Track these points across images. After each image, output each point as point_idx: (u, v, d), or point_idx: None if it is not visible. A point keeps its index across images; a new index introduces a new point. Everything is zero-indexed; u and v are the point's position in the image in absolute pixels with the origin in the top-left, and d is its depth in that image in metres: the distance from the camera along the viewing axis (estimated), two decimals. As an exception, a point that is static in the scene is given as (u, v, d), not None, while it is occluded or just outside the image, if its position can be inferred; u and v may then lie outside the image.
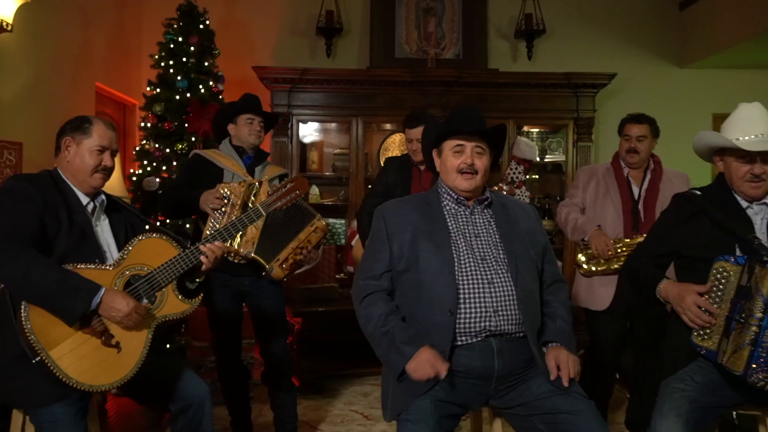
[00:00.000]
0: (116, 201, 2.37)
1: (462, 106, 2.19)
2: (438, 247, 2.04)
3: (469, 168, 2.08)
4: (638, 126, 3.20)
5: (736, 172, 2.15)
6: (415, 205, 2.17)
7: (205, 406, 2.29)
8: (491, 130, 2.13)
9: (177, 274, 2.13)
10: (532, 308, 2.06)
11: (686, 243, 2.19)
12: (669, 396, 2.04)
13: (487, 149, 2.14)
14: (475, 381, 2.00)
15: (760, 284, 1.90)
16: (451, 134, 2.11)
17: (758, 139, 2.10)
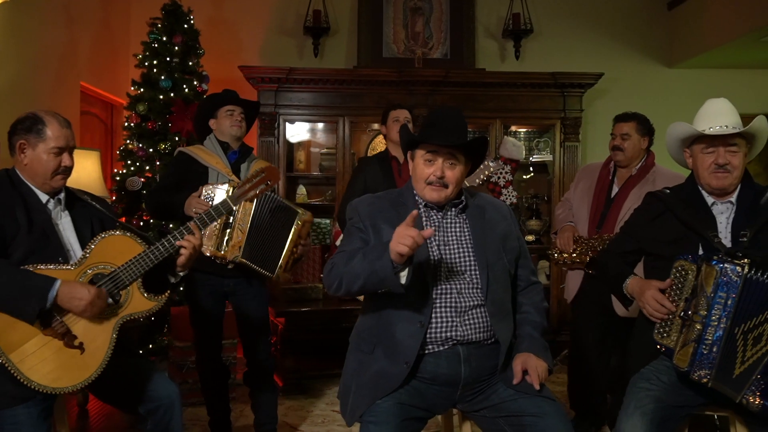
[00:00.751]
0: (79, 196, 2.31)
1: (442, 110, 2.09)
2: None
3: (438, 181, 2.00)
4: (622, 124, 3.22)
5: (702, 163, 2.17)
6: (390, 202, 2.11)
7: (175, 407, 2.28)
8: (468, 143, 2.01)
9: (142, 272, 2.10)
10: (503, 317, 2.04)
11: (652, 240, 2.22)
12: (635, 395, 2.05)
13: (462, 159, 2.04)
14: (441, 387, 2.00)
15: (705, 283, 1.95)
16: (423, 142, 2.03)
17: (724, 129, 2.13)
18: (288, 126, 5.32)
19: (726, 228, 2.14)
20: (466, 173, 2.09)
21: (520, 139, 5.54)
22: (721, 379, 1.94)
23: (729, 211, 2.17)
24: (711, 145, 2.14)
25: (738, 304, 1.91)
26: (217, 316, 3.16)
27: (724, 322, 1.93)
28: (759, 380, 1.90)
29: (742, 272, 1.91)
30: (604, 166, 3.31)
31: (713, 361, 1.94)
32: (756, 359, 1.91)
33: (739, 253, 1.96)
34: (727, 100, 2.20)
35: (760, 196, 2.15)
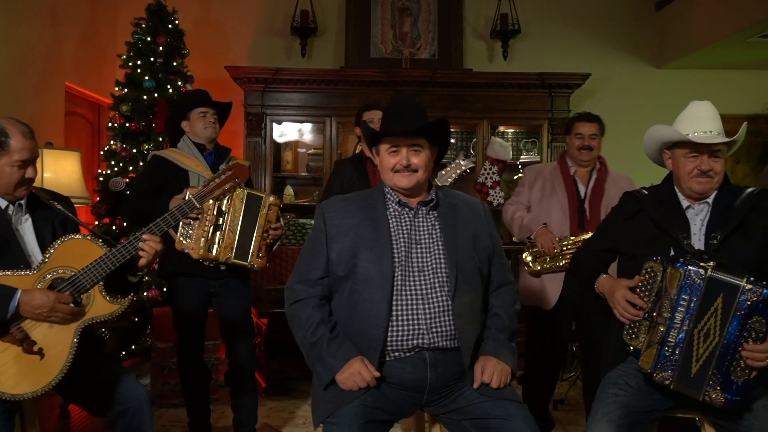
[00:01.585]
0: (41, 198, 2.26)
1: (397, 100, 2.11)
2: (378, 258, 1.98)
3: (404, 168, 2.01)
4: (590, 124, 3.22)
5: (684, 167, 2.15)
6: (358, 204, 2.09)
7: (144, 409, 2.26)
8: (428, 126, 2.03)
9: (103, 275, 2.07)
10: (470, 321, 2.02)
11: (626, 240, 2.21)
12: (602, 401, 2.04)
13: (427, 144, 2.05)
14: (407, 392, 1.98)
15: (669, 285, 1.94)
16: (383, 135, 2.05)
17: (708, 135, 2.11)
18: (275, 126, 5.32)
19: (700, 230, 2.13)
20: (433, 157, 2.10)
21: (508, 139, 5.53)
22: (682, 381, 1.94)
23: (704, 212, 2.15)
24: (695, 151, 2.12)
25: (700, 306, 1.91)
26: (200, 319, 3.16)
27: (687, 325, 1.92)
28: (716, 374, 1.89)
29: (705, 275, 1.90)
30: (564, 167, 3.26)
31: (675, 363, 1.93)
32: (708, 354, 1.90)
33: (705, 255, 1.95)
34: (711, 104, 2.18)
35: (737, 197, 2.13)
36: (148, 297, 4.16)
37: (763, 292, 1.85)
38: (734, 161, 5.91)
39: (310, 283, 2.05)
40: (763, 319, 1.87)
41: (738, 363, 1.89)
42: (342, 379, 1.90)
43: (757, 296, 1.85)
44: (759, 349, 1.86)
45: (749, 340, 1.88)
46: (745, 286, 1.86)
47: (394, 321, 1.95)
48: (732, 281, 1.88)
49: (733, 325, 1.88)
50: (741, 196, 2.13)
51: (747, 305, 1.86)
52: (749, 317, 1.87)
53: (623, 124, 5.18)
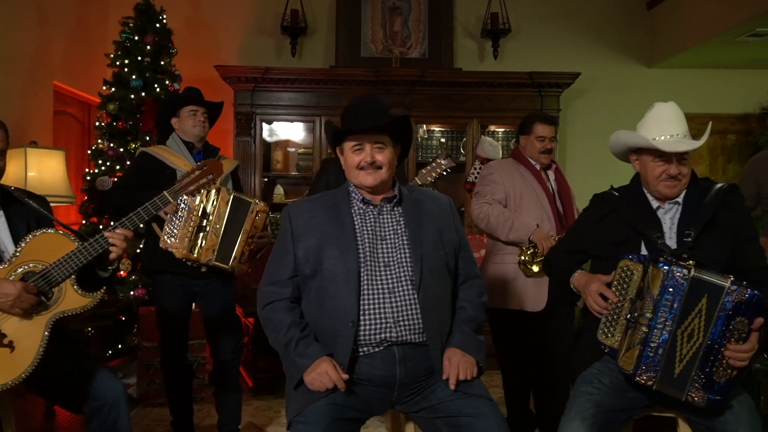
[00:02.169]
0: (15, 195, 2.27)
1: (358, 99, 2.12)
2: (343, 254, 1.99)
3: (369, 166, 2.02)
4: (550, 127, 3.18)
5: (652, 171, 2.13)
6: (324, 204, 2.11)
7: (120, 405, 2.25)
8: (392, 121, 2.05)
9: (75, 269, 2.08)
10: (438, 314, 2.02)
11: (598, 242, 2.19)
12: (576, 400, 2.03)
13: (390, 141, 2.06)
14: (377, 389, 1.98)
15: (651, 285, 1.93)
16: (347, 133, 2.05)
17: (674, 139, 2.09)
18: (265, 126, 5.31)
19: (671, 229, 2.12)
20: (397, 155, 2.11)
21: (498, 139, 5.53)
22: (665, 381, 1.92)
23: (674, 211, 2.14)
24: (663, 156, 2.10)
25: (683, 306, 1.89)
26: (183, 317, 3.15)
27: (670, 325, 1.90)
28: (699, 375, 1.88)
29: (688, 275, 1.88)
30: (530, 165, 3.19)
31: (658, 363, 1.92)
32: (692, 355, 1.89)
33: (684, 254, 1.94)
34: (675, 105, 2.16)
35: (706, 194, 2.12)
36: (134, 296, 4.15)
37: (747, 293, 1.84)
38: (725, 161, 5.92)
39: (280, 283, 2.06)
40: (746, 320, 1.86)
41: (720, 363, 1.88)
42: (309, 380, 1.90)
43: (741, 297, 1.84)
44: (742, 350, 1.86)
45: (732, 340, 1.87)
46: (730, 287, 1.85)
47: (362, 315, 1.95)
48: (717, 282, 1.87)
49: (718, 325, 1.87)
50: (710, 192, 2.11)
51: (731, 306, 1.85)
52: (733, 318, 1.86)
53: (614, 124, 5.09)
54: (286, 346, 1.97)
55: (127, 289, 4.16)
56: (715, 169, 5.91)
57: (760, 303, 1.84)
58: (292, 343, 1.96)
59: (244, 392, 3.36)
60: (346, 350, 1.93)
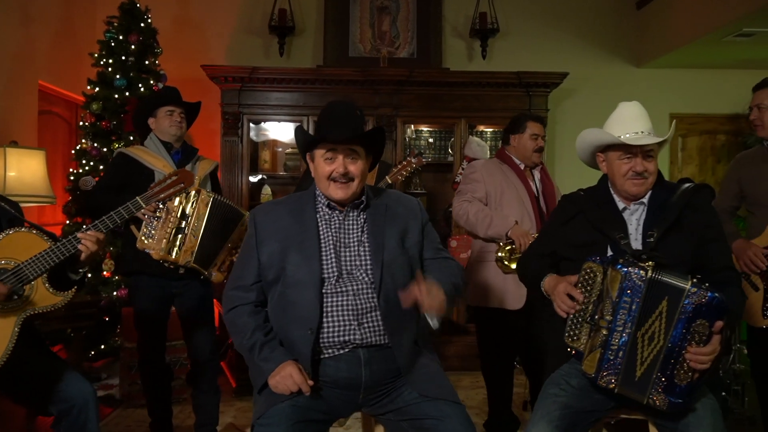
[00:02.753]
0: None
1: (333, 106, 2.06)
2: (306, 260, 1.98)
3: (342, 177, 1.98)
4: (541, 126, 3.25)
5: (618, 169, 2.14)
6: (289, 208, 2.09)
7: (89, 407, 2.25)
8: (368, 134, 2.03)
9: (47, 267, 2.10)
10: (402, 319, 2.00)
11: (566, 243, 2.19)
12: (542, 402, 2.02)
13: (362, 152, 2.03)
14: (342, 391, 1.98)
15: (610, 287, 1.92)
16: (321, 142, 2.01)
17: (640, 136, 2.10)
18: (252, 126, 5.30)
19: (636, 230, 2.12)
20: (368, 166, 2.08)
21: (487, 139, 5.51)
22: (626, 384, 1.92)
23: (640, 212, 2.14)
24: (628, 153, 2.11)
25: (642, 308, 1.89)
26: (161, 318, 3.15)
27: (629, 327, 1.90)
28: (660, 378, 1.88)
29: (646, 276, 1.88)
30: (514, 164, 3.21)
31: (619, 366, 1.92)
32: (653, 357, 1.89)
33: (644, 255, 1.93)
34: (639, 104, 2.18)
35: (672, 194, 2.12)
36: (117, 296, 4.14)
37: (708, 295, 1.83)
38: (715, 161, 5.90)
39: (245, 288, 2.05)
40: (706, 322, 1.85)
41: (682, 366, 1.87)
42: (273, 383, 1.90)
43: (702, 299, 1.83)
44: (702, 352, 1.85)
45: (693, 343, 1.86)
46: (690, 289, 1.84)
47: (325, 320, 1.94)
48: (677, 284, 1.86)
49: (678, 328, 1.86)
50: (676, 193, 2.11)
51: (692, 308, 1.84)
52: (693, 320, 1.85)
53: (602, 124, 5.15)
54: (250, 350, 1.97)
55: (111, 289, 4.15)
56: (705, 169, 5.90)
57: (721, 305, 1.83)
58: (256, 347, 1.95)
59: (227, 393, 3.35)
60: (305, 356, 1.93)
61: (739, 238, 2.91)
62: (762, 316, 2.81)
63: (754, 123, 2.95)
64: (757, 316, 2.82)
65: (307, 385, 1.86)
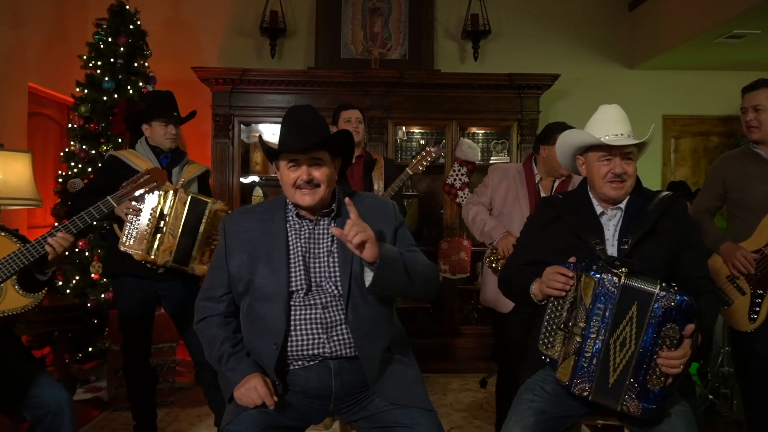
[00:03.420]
0: None
1: (293, 112, 1.99)
2: (274, 273, 1.94)
3: (307, 184, 1.93)
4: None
5: (598, 172, 2.12)
6: (258, 217, 2.04)
7: (65, 413, 2.24)
8: (327, 139, 1.95)
9: (15, 270, 2.10)
10: (371, 332, 1.96)
11: (546, 249, 2.16)
12: (517, 408, 2.01)
13: (329, 156, 1.97)
14: (312, 400, 1.96)
15: (584, 293, 1.91)
16: (281, 152, 1.95)
17: (620, 138, 2.10)
18: (243, 127, 5.29)
19: (614, 236, 2.11)
20: (337, 169, 2.04)
21: (478, 141, 5.50)
22: (600, 392, 1.91)
23: (617, 218, 2.13)
24: (608, 154, 2.10)
25: (615, 315, 1.87)
26: (145, 321, 3.14)
27: (603, 334, 1.89)
28: (633, 384, 1.87)
29: (619, 282, 1.87)
30: (529, 173, 3.21)
31: (593, 374, 1.90)
32: (625, 363, 1.87)
33: (617, 262, 1.92)
34: (620, 107, 2.17)
35: (649, 201, 2.11)
36: (105, 299, 4.14)
37: (676, 299, 1.82)
38: (708, 162, 5.88)
39: (215, 300, 2.04)
40: (676, 326, 1.84)
41: (654, 371, 1.86)
42: (238, 395, 1.88)
43: (671, 303, 1.82)
44: (674, 356, 1.84)
45: (664, 347, 1.85)
46: (659, 293, 1.83)
47: (293, 333, 1.92)
48: (646, 288, 1.85)
49: (649, 332, 1.85)
50: (653, 201, 2.10)
51: (661, 312, 1.83)
52: (664, 324, 1.84)
53: (594, 125, 5.15)
54: (218, 361, 1.96)
55: (99, 292, 4.15)
56: (698, 171, 5.88)
57: (690, 309, 1.82)
58: (224, 357, 1.95)
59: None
60: (270, 367, 1.91)
61: (727, 241, 2.89)
62: (748, 320, 2.79)
63: (749, 124, 2.88)
64: (743, 321, 2.80)
65: (271, 398, 1.84)
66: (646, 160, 5.69)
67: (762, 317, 2.74)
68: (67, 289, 4.18)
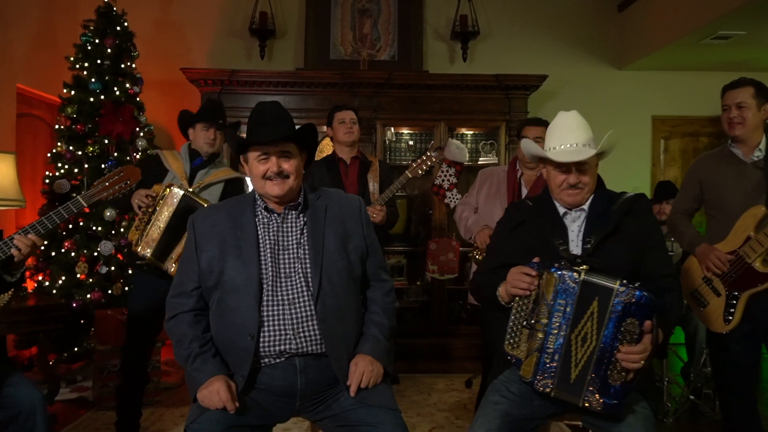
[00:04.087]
0: None
1: (261, 107, 2.05)
2: (244, 266, 1.97)
3: (276, 175, 1.98)
4: (543, 128, 3.20)
5: (554, 180, 2.14)
6: (227, 212, 2.07)
7: (37, 413, 2.25)
8: (298, 132, 2.02)
9: None
10: (340, 325, 1.99)
11: (513, 252, 2.17)
12: (483, 409, 2.02)
13: (297, 149, 2.03)
14: (278, 398, 1.98)
15: (545, 290, 1.92)
16: (251, 143, 2.01)
17: (571, 149, 2.10)
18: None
19: (578, 236, 2.13)
20: (303, 163, 2.09)
21: (467, 141, 5.51)
22: (562, 387, 1.92)
23: (581, 219, 2.15)
24: (562, 165, 2.11)
25: (576, 310, 1.89)
26: (151, 321, 3.10)
27: (564, 330, 1.91)
28: (594, 379, 1.88)
29: (579, 278, 1.89)
30: (512, 169, 3.31)
31: (555, 369, 1.92)
32: (586, 359, 1.89)
33: (578, 259, 1.94)
34: (578, 114, 2.16)
35: (613, 202, 2.12)
36: (91, 299, 4.16)
37: (636, 294, 1.83)
38: (698, 163, 5.88)
39: (186, 295, 2.05)
40: (636, 321, 1.85)
41: (615, 366, 1.88)
42: (201, 397, 1.89)
43: (630, 298, 1.84)
44: (634, 351, 1.85)
45: (624, 342, 1.86)
46: (619, 289, 1.85)
47: (263, 328, 1.94)
48: (605, 284, 1.87)
49: (609, 328, 1.87)
50: (617, 201, 2.12)
51: (621, 307, 1.85)
52: (623, 319, 1.86)
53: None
54: (186, 360, 1.97)
55: (85, 292, 4.17)
56: (688, 171, 5.88)
57: (649, 304, 1.84)
58: (190, 357, 1.95)
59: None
60: (246, 362, 1.93)
61: (703, 243, 2.90)
62: (723, 322, 2.80)
63: (733, 121, 2.86)
64: (718, 322, 2.81)
65: (232, 404, 1.85)
66: (635, 161, 5.78)
67: (737, 319, 2.74)
68: (54, 290, 4.20)
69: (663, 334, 1.95)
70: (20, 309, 3.42)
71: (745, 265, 2.72)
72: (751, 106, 2.82)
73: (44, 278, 4.27)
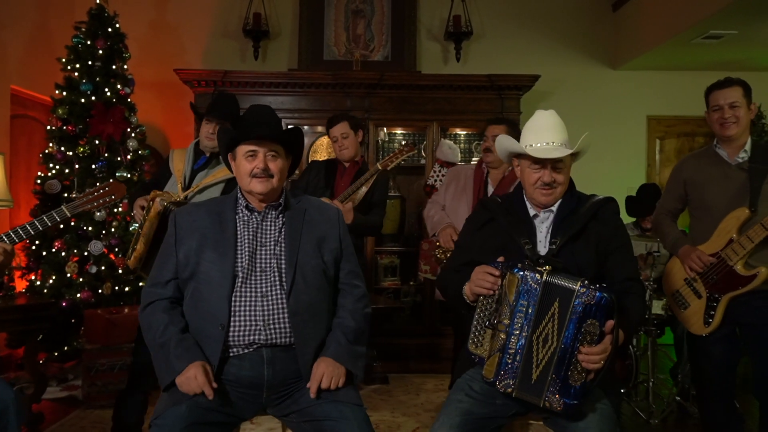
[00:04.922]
0: None
1: (253, 108, 2.14)
2: (221, 257, 2.02)
3: (262, 173, 2.04)
4: (503, 127, 3.26)
5: (529, 178, 2.14)
6: (208, 210, 2.14)
7: (10, 412, 2.26)
8: (284, 133, 2.11)
9: None
10: (311, 321, 2.04)
11: (480, 250, 2.17)
12: (446, 408, 2.02)
13: (282, 151, 2.11)
14: (245, 390, 2.00)
15: (508, 291, 1.93)
16: (243, 139, 2.07)
17: (549, 147, 2.10)
18: (225, 129, 5.33)
19: (546, 237, 2.13)
20: (288, 166, 2.16)
21: (460, 142, 5.51)
22: (523, 388, 1.93)
23: (550, 220, 2.15)
24: (538, 163, 2.11)
25: (537, 311, 1.89)
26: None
27: (526, 330, 1.91)
28: (555, 380, 1.88)
29: (541, 279, 1.89)
30: (478, 168, 3.37)
31: (516, 370, 1.92)
32: (547, 359, 1.89)
33: (541, 260, 1.94)
34: (555, 113, 2.16)
35: (582, 204, 2.12)
36: (80, 299, 4.19)
37: (596, 295, 1.83)
38: (693, 163, 5.85)
39: (161, 285, 2.09)
40: (596, 322, 1.86)
41: (575, 367, 1.88)
42: (179, 382, 1.92)
43: (591, 299, 1.84)
44: (594, 352, 1.85)
45: (585, 343, 1.87)
46: (579, 290, 1.85)
47: (233, 318, 1.98)
48: (567, 285, 1.87)
49: (570, 328, 1.87)
50: (585, 204, 2.12)
51: (581, 308, 1.85)
52: (584, 320, 1.86)
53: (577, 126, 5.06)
54: (161, 347, 1.98)
55: (75, 291, 4.20)
56: (683, 171, 5.85)
57: (610, 305, 1.84)
58: (169, 344, 1.97)
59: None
60: (215, 352, 1.96)
61: (686, 244, 2.88)
62: (703, 324, 2.79)
63: (727, 121, 2.81)
64: (698, 324, 2.80)
65: (210, 388, 1.88)
66: (630, 161, 5.76)
67: (717, 321, 2.73)
68: (44, 289, 4.24)
69: (624, 335, 1.95)
70: (7, 308, 3.45)
71: (726, 267, 2.71)
72: (743, 105, 2.80)
73: (36, 278, 4.30)
